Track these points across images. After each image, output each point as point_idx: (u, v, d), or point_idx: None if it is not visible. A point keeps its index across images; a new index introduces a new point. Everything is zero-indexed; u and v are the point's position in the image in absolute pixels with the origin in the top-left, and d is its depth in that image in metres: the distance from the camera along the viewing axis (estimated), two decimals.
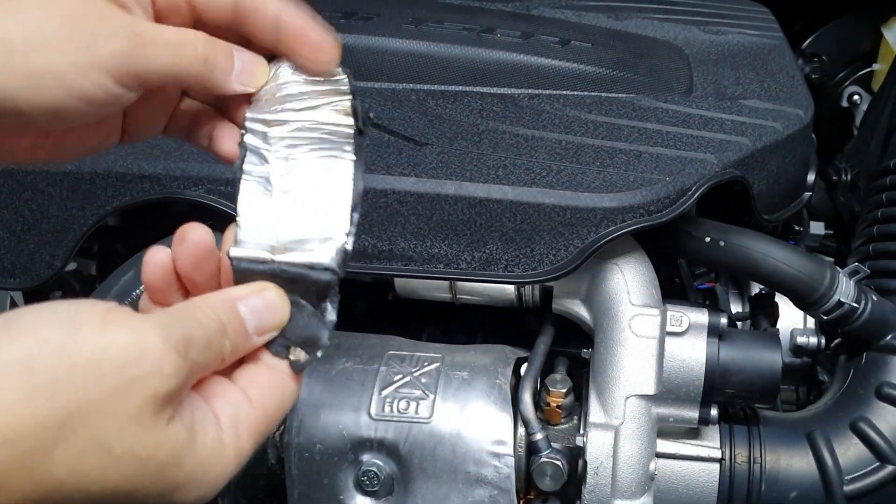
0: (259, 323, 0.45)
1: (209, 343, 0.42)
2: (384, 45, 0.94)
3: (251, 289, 0.45)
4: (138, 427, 0.38)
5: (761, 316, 0.95)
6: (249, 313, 0.44)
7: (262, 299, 0.45)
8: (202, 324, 0.42)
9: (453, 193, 0.78)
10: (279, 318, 0.45)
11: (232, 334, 0.43)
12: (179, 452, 0.40)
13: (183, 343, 0.40)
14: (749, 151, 0.83)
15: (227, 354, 0.43)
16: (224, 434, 0.42)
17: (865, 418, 0.79)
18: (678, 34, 1.07)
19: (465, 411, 0.76)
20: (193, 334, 0.41)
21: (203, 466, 0.41)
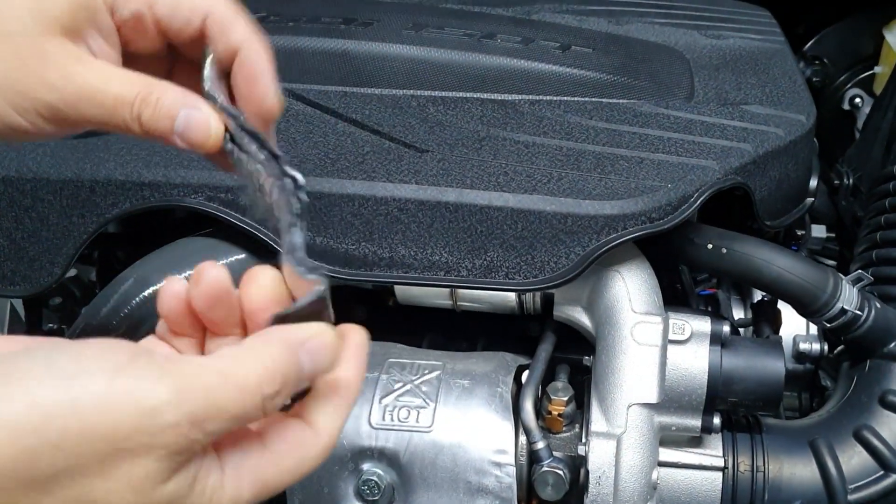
0: (314, 369, 0.41)
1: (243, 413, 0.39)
2: (384, 51, 0.94)
3: (312, 332, 0.42)
4: (128, 491, 0.37)
5: (764, 323, 0.94)
6: (309, 360, 0.41)
7: (322, 342, 0.42)
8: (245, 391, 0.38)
9: (454, 201, 0.77)
10: (333, 360, 0.42)
11: (287, 390, 0.40)
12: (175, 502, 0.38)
13: (198, 418, 0.37)
14: (751, 158, 0.83)
15: (271, 411, 0.40)
16: (225, 479, 0.40)
17: (869, 426, 0.78)
18: (679, 39, 1.06)
19: (467, 420, 0.76)
20: (221, 405, 0.38)
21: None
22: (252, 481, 0.41)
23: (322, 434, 0.43)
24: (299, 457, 0.43)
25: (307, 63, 0.94)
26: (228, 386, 0.38)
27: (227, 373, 0.38)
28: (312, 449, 0.43)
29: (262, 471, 0.42)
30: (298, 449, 0.43)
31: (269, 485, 0.42)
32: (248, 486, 0.41)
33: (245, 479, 0.41)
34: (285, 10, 1.04)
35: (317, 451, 0.43)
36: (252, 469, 0.41)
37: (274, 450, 0.42)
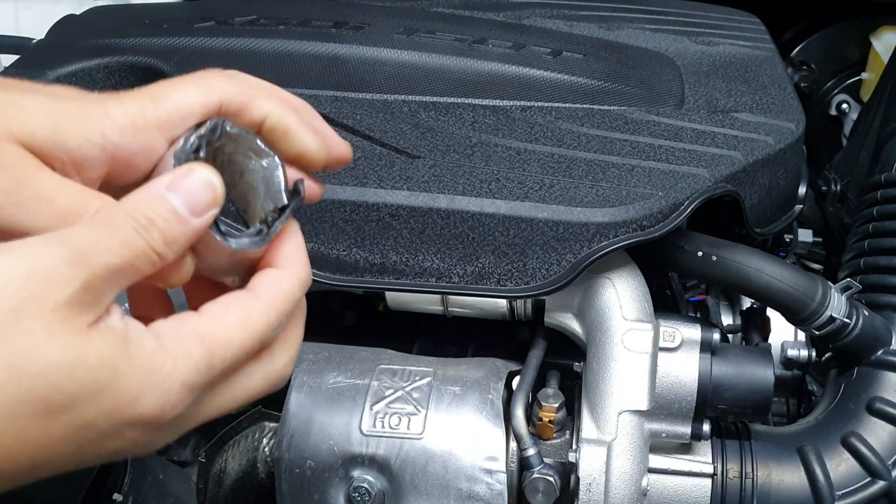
0: (193, 203, 0.42)
1: (126, 241, 0.40)
2: (375, 56, 0.94)
3: (177, 172, 0.42)
4: (48, 338, 0.37)
5: (753, 330, 0.95)
6: (179, 196, 0.42)
7: (189, 178, 0.42)
8: (115, 224, 0.40)
9: (445, 207, 0.77)
10: (213, 193, 0.42)
11: (162, 223, 0.41)
12: (109, 357, 0.38)
13: (83, 250, 0.38)
14: (741, 166, 0.83)
15: (159, 245, 0.41)
16: (164, 338, 0.41)
17: (856, 433, 0.79)
18: (669, 45, 1.07)
19: (458, 427, 0.76)
20: (100, 238, 0.39)
21: (147, 370, 0.39)
22: (197, 338, 0.41)
23: (262, 297, 0.44)
24: (241, 312, 0.43)
25: (297, 67, 0.93)
26: (98, 226, 0.40)
27: (95, 220, 0.40)
28: (253, 304, 0.43)
29: (203, 328, 0.42)
30: (238, 306, 0.43)
31: (219, 342, 0.42)
32: (194, 343, 0.41)
33: (186, 336, 0.41)
34: (275, 13, 1.03)
35: (258, 306, 0.43)
36: (191, 327, 0.42)
37: (212, 311, 0.43)
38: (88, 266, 0.38)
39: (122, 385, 0.39)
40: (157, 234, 0.41)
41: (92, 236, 0.39)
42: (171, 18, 1.04)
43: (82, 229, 0.40)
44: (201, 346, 0.41)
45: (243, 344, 0.43)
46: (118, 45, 0.98)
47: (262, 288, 0.45)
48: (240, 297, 0.44)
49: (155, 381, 0.40)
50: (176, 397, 0.40)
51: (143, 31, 1.01)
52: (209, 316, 0.43)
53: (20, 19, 1.30)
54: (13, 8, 1.30)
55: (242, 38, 0.97)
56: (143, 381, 0.39)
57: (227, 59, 0.95)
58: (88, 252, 0.39)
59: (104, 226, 0.40)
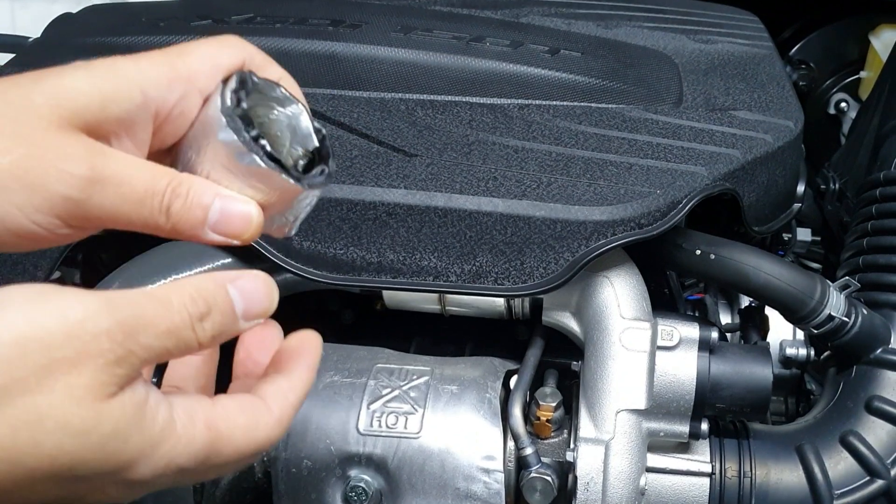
0: (248, 307, 0.43)
1: (173, 329, 0.40)
2: (372, 54, 0.94)
3: (244, 272, 0.44)
4: (70, 402, 0.37)
5: (751, 328, 0.95)
6: (240, 296, 0.43)
7: (253, 282, 0.44)
8: (171, 307, 0.40)
9: (443, 206, 0.77)
10: (269, 303, 0.44)
11: (218, 316, 0.42)
12: (124, 427, 0.39)
13: (129, 326, 0.38)
14: (739, 164, 0.83)
15: (206, 339, 0.42)
16: (177, 417, 0.41)
17: (855, 432, 0.78)
18: (668, 43, 1.06)
19: (455, 426, 0.76)
20: (150, 317, 0.39)
21: (152, 443, 0.40)
22: (205, 427, 0.42)
23: (273, 408, 0.45)
24: (251, 419, 0.44)
25: (294, 65, 0.92)
26: (155, 302, 0.40)
27: (153, 293, 0.40)
28: (263, 415, 0.45)
29: (214, 420, 0.43)
30: (249, 412, 0.44)
31: (223, 438, 0.43)
32: (200, 431, 0.42)
33: (198, 423, 0.42)
34: (272, 11, 1.03)
35: (268, 419, 0.45)
36: (204, 416, 0.42)
37: (226, 407, 0.44)
38: (130, 344, 0.38)
39: (126, 452, 0.39)
40: (208, 327, 0.41)
41: (144, 314, 0.39)
42: (167, 17, 1.04)
43: (136, 301, 0.39)
44: (206, 435, 0.42)
45: (242, 449, 0.44)
46: (114, 43, 0.98)
47: (273, 401, 0.46)
48: (252, 404, 0.45)
49: (155, 456, 0.40)
50: (168, 473, 0.42)
51: (140, 30, 1.00)
52: (222, 410, 0.43)
53: (16, 18, 1.29)
54: (9, 7, 1.30)
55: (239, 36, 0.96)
56: (144, 451, 0.40)
57: None
58: (135, 330, 0.39)
59: (159, 305, 0.40)
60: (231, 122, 0.44)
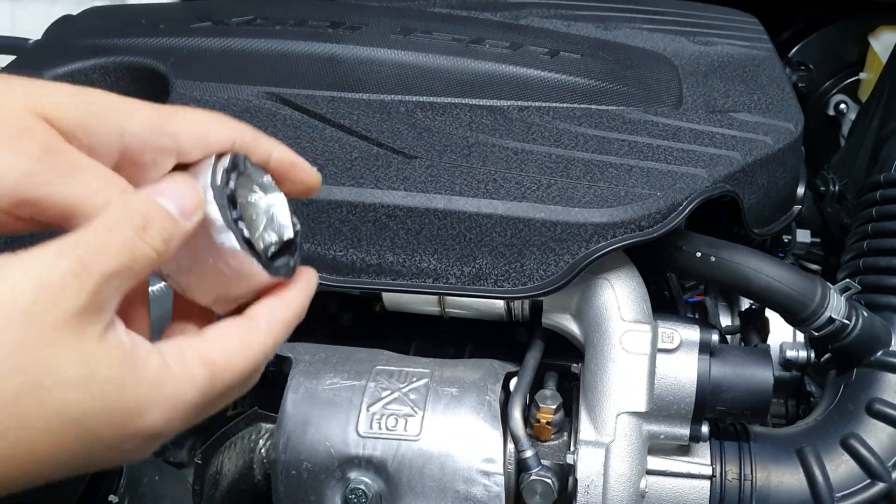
0: (181, 205, 0.44)
1: (126, 243, 0.40)
2: (372, 56, 0.94)
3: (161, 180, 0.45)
4: (61, 352, 0.38)
5: (752, 331, 0.95)
6: (168, 200, 0.43)
7: (173, 184, 0.44)
8: (113, 227, 0.41)
9: (443, 208, 0.77)
10: (196, 196, 0.45)
11: (158, 222, 0.42)
12: (117, 374, 0.40)
13: (86, 258, 0.39)
14: (740, 166, 0.83)
15: (157, 245, 0.42)
16: (169, 360, 0.42)
17: (856, 435, 0.78)
18: (667, 45, 1.06)
19: (455, 428, 0.75)
20: (101, 243, 0.40)
21: (153, 388, 0.41)
22: (200, 362, 0.43)
23: (261, 324, 0.46)
24: (242, 339, 0.45)
25: (294, 67, 0.93)
26: (97, 230, 0.40)
27: (93, 225, 0.40)
28: (253, 333, 0.46)
29: (206, 352, 0.43)
30: (239, 333, 0.45)
31: (220, 366, 0.44)
32: (197, 366, 0.43)
33: (190, 359, 0.43)
34: (272, 13, 1.03)
35: (258, 335, 0.46)
36: (195, 350, 0.43)
37: (212, 336, 0.45)
38: (93, 274, 0.39)
39: (129, 400, 0.40)
40: (154, 233, 0.42)
41: (94, 242, 0.40)
42: (167, 19, 1.04)
43: (84, 235, 0.40)
44: (204, 369, 0.43)
45: (241, 370, 0.45)
46: (114, 45, 0.98)
47: (261, 318, 0.47)
48: (241, 325, 0.46)
49: (160, 399, 0.41)
50: (179, 415, 0.42)
51: (140, 32, 1.00)
52: (211, 340, 0.44)
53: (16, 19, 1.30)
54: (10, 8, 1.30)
55: (239, 38, 0.97)
56: (149, 398, 0.41)
57: (224, 60, 0.95)
58: (92, 259, 0.39)
59: (104, 229, 0.40)
60: (218, 198, 0.45)
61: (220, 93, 0.90)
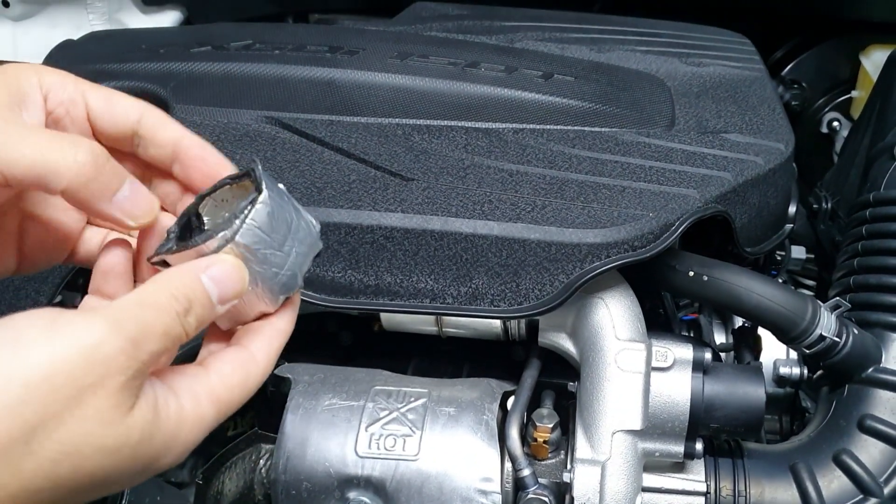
0: (222, 292, 0.46)
1: (168, 330, 0.43)
2: (370, 80, 0.95)
3: (211, 259, 0.47)
4: (102, 425, 0.40)
5: (744, 348, 0.96)
6: (212, 284, 0.46)
7: (223, 268, 0.47)
8: (161, 309, 0.43)
9: (439, 229, 0.78)
10: (240, 284, 0.47)
11: (198, 309, 0.45)
12: (148, 431, 0.42)
13: (136, 339, 0.41)
14: (731, 186, 0.84)
15: (191, 330, 0.45)
16: (184, 403, 0.45)
17: (848, 451, 0.79)
18: (660, 66, 1.08)
19: (453, 448, 0.76)
20: (149, 325, 0.42)
21: (172, 436, 0.44)
22: (210, 402, 0.46)
23: (258, 356, 0.49)
24: (243, 374, 0.48)
25: (293, 91, 0.95)
26: (148, 309, 0.43)
27: (144, 300, 0.43)
28: (252, 366, 0.48)
29: (214, 390, 0.46)
30: (240, 368, 0.48)
31: (224, 402, 0.47)
32: (207, 407, 0.46)
33: (202, 399, 0.46)
34: (271, 38, 1.04)
35: (256, 369, 0.49)
36: (206, 391, 0.46)
37: (219, 371, 0.47)
38: (141, 355, 0.41)
39: (152, 451, 0.43)
40: (192, 320, 0.45)
41: (142, 322, 0.42)
42: (167, 43, 1.06)
43: (135, 314, 0.42)
44: (213, 408, 0.46)
45: (241, 401, 0.48)
46: (115, 70, 0.99)
47: (259, 350, 0.49)
48: (241, 359, 0.48)
49: (177, 444, 0.44)
50: (189, 451, 0.45)
51: (140, 57, 1.02)
52: (217, 378, 0.47)
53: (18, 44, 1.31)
54: (11, 32, 1.31)
55: (238, 62, 0.98)
56: (167, 444, 0.44)
57: (223, 84, 0.96)
58: (142, 341, 0.41)
59: (152, 311, 0.43)
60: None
61: (219, 117, 0.91)
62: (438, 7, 1.23)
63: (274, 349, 0.50)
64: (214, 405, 0.46)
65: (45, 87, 0.48)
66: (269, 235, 0.48)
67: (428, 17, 1.19)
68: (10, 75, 0.47)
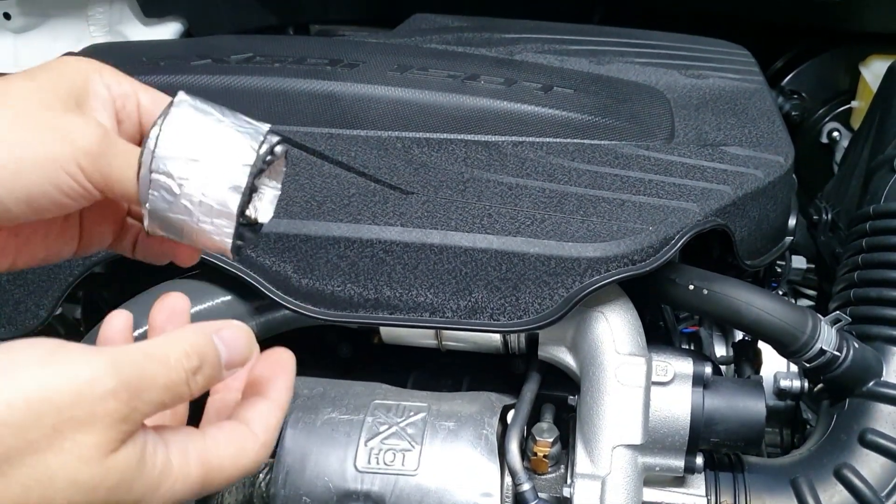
0: (230, 357, 0.46)
1: (171, 385, 0.43)
2: (369, 93, 0.95)
3: (223, 323, 0.46)
4: (80, 461, 0.39)
5: (745, 362, 0.95)
6: (224, 347, 0.45)
7: (235, 333, 0.46)
8: (169, 365, 0.43)
9: (439, 243, 0.78)
10: (248, 353, 0.47)
11: (208, 369, 0.44)
12: (128, 477, 0.41)
13: (133, 386, 0.40)
14: (731, 199, 0.84)
15: (196, 389, 0.44)
16: (173, 457, 0.44)
17: (849, 465, 0.79)
18: (660, 78, 1.08)
19: (452, 463, 0.76)
20: (150, 376, 0.42)
21: (152, 488, 0.42)
22: (198, 463, 0.45)
23: (257, 431, 0.48)
24: (238, 447, 0.47)
25: (293, 105, 0.95)
26: (154, 360, 0.42)
27: (152, 351, 0.43)
28: (249, 441, 0.47)
29: (205, 454, 0.45)
30: (236, 440, 0.47)
31: (214, 469, 0.45)
32: (194, 467, 0.44)
33: (191, 460, 0.44)
34: (271, 51, 1.05)
35: (253, 445, 0.47)
36: (196, 451, 0.45)
37: (215, 438, 0.46)
38: (134, 402, 0.41)
39: (129, 497, 0.42)
40: (200, 379, 0.44)
41: (145, 374, 0.41)
42: (168, 56, 1.06)
43: (137, 361, 0.42)
44: (200, 470, 0.45)
45: (231, 477, 0.47)
46: None
47: (257, 425, 0.48)
48: (238, 432, 0.47)
49: (156, 496, 0.43)
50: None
51: (141, 69, 1.02)
52: (212, 443, 0.46)
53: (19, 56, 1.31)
54: (13, 44, 1.32)
55: (238, 75, 0.98)
56: (147, 494, 0.42)
57: (224, 97, 0.96)
58: (138, 389, 0.41)
59: (159, 364, 0.42)
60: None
61: None
62: (438, 19, 1.23)
63: (272, 424, 0.49)
64: (202, 468, 0.45)
65: (106, 81, 0.50)
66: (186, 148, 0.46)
67: (428, 28, 1.19)
68: (72, 69, 0.49)
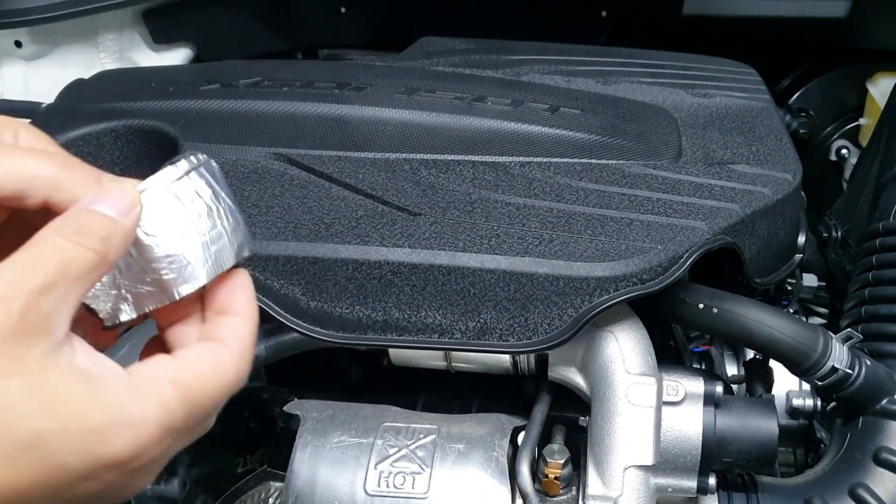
0: (115, 204, 0.43)
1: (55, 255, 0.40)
2: (377, 116, 0.96)
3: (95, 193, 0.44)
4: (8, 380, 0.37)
5: (756, 381, 0.95)
6: (104, 206, 0.43)
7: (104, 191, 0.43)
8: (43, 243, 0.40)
9: (447, 264, 0.78)
10: (130, 193, 0.44)
11: (92, 224, 0.42)
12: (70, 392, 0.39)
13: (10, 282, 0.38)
14: (739, 218, 0.84)
15: (96, 245, 0.41)
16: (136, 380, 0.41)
17: (864, 484, 0.78)
18: (666, 98, 1.08)
19: (463, 485, 0.76)
20: (26, 263, 0.39)
21: (113, 407, 0.40)
22: (171, 384, 0.42)
23: (230, 344, 0.45)
24: (214, 361, 0.44)
25: (301, 128, 0.95)
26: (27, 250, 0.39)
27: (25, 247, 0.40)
28: (224, 355, 0.45)
29: (179, 375, 0.42)
30: (210, 356, 0.44)
31: (193, 388, 0.43)
32: (168, 388, 0.42)
33: (162, 381, 0.42)
34: (279, 75, 1.06)
35: (230, 358, 0.45)
36: (168, 374, 0.42)
37: (185, 358, 0.44)
38: (20, 294, 0.38)
39: (88, 422, 0.39)
40: (89, 234, 0.41)
41: (21, 261, 0.39)
42: (176, 81, 1.07)
43: (14, 256, 0.39)
44: (173, 388, 0.42)
45: (214, 390, 0.44)
46: (125, 108, 1.00)
47: (229, 338, 0.46)
48: (211, 347, 0.45)
49: (123, 421, 0.40)
50: (151, 438, 0.41)
51: (150, 95, 1.03)
52: (183, 362, 0.44)
53: (29, 83, 1.33)
54: (23, 72, 1.33)
55: (247, 100, 0.99)
56: (111, 419, 0.39)
57: (232, 121, 0.97)
58: (19, 279, 0.38)
59: (32, 246, 0.40)
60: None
61: (228, 154, 0.92)
62: (445, 42, 1.24)
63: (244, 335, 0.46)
64: (176, 386, 0.42)
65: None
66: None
67: (435, 51, 1.20)
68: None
